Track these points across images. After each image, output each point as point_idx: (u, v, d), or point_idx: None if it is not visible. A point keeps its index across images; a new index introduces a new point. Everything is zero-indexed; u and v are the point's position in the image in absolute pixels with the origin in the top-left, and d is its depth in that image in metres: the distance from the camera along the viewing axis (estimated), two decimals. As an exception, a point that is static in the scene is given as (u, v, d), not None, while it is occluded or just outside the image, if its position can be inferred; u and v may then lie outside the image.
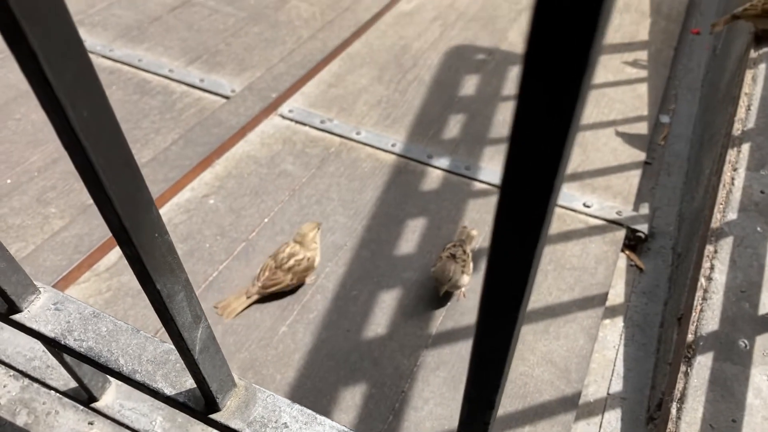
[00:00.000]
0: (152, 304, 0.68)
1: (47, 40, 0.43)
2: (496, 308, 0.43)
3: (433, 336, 1.67)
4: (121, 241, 0.58)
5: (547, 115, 0.30)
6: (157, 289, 0.65)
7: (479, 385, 0.51)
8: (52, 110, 0.47)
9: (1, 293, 0.93)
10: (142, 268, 0.62)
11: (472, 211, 2.04)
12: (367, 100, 2.51)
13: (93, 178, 0.51)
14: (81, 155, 0.50)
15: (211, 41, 2.74)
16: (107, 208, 0.54)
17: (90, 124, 0.49)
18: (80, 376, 1.12)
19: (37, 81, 0.45)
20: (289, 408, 0.87)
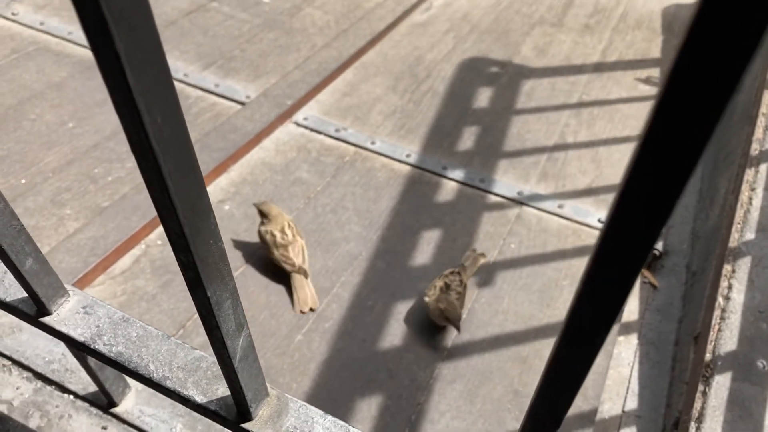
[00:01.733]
0: (199, 310, 0.67)
1: (132, 43, 0.43)
2: (583, 333, 0.42)
3: (449, 348, 1.66)
4: (178, 247, 0.58)
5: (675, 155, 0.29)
6: (207, 296, 0.64)
7: (550, 404, 0.50)
8: (127, 114, 0.47)
9: (32, 295, 0.92)
10: (195, 275, 0.61)
11: (487, 224, 2.03)
12: (382, 109, 2.51)
13: (160, 183, 0.51)
14: (151, 160, 0.49)
15: (226, 47, 2.74)
16: (170, 214, 0.54)
17: (163, 130, 0.48)
18: (102, 381, 1.11)
19: (116, 84, 0.45)
20: (321, 419, 0.86)
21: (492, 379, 1.60)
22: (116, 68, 0.44)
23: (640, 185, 0.31)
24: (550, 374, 0.47)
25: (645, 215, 0.32)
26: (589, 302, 0.39)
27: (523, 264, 1.91)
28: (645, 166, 0.31)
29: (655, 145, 0.30)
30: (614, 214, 0.32)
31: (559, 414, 0.50)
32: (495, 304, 1.78)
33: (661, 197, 0.31)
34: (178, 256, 0.59)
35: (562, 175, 2.27)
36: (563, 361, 0.45)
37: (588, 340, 0.42)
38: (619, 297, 0.37)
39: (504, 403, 1.55)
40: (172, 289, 1.72)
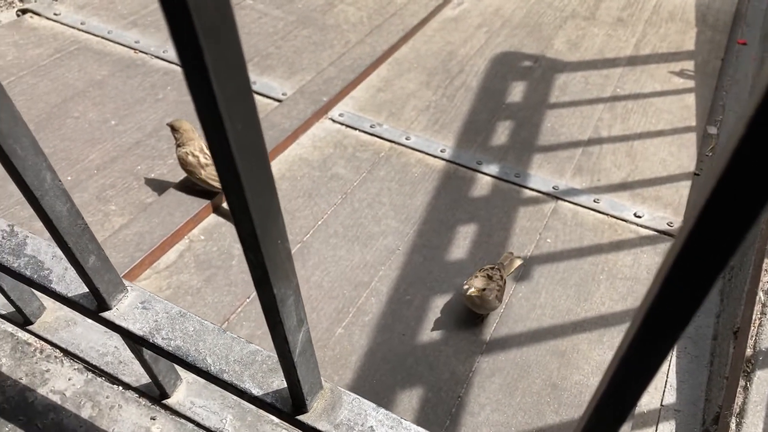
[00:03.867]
0: (264, 306, 0.70)
1: (220, 55, 0.46)
2: (656, 334, 0.43)
3: (487, 342, 1.68)
4: (249, 246, 0.61)
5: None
6: (273, 293, 0.67)
7: (617, 402, 0.51)
8: (210, 122, 0.50)
9: (94, 291, 0.96)
10: (263, 274, 0.64)
11: (523, 219, 2.04)
12: (416, 105, 2.52)
13: (236, 186, 0.54)
14: (230, 165, 0.52)
15: (262, 44, 2.77)
16: (244, 215, 0.56)
17: (242, 136, 0.51)
18: (156, 373, 1.15)
19: (201, 94, 0.48)
20: (374, 412, 0.89)
21: (530, 372, 1.62)
22: (203, 80, 0.46)
23: (724, 197, 0.32)
24: (620, 372, 0.48)
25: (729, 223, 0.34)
26: (668, 302, 0.40)
27: (560, 258, 1.92)
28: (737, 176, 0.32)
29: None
30: (697, 220, 0.34)
31: (625, 411, 0.52)
32: (532, 298, 1.80)
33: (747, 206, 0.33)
34: (248, 255, 0.62)
35: (597, 170, 2.27)
36: (634, 359, 0.46)
37: (661, 340, 0.43)
38: (700, 295, 0.38)
39: (543, 396, 1.56)
40: (215, 283, 1.76)
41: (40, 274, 1.01)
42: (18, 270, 1.02)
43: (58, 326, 1.32)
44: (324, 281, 1.80)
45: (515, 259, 1.84)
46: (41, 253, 1.04)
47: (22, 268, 1.02)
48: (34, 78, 2.44)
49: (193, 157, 1.88)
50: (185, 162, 1.89)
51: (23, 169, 0.74)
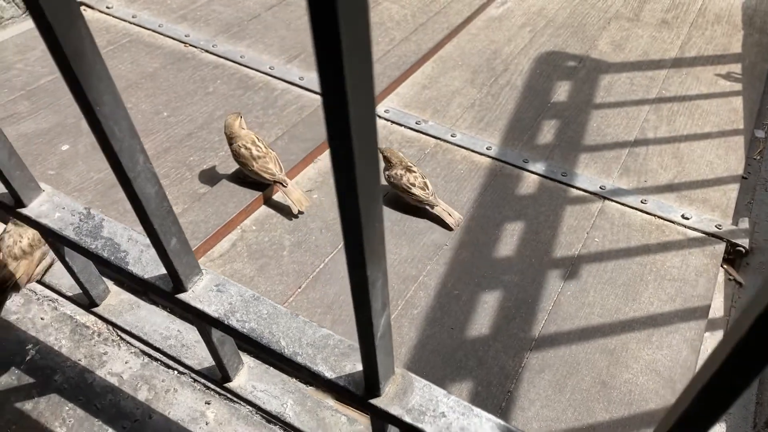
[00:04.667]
0: (354, 288, 0.72)
1: (355, 67, 0.48)
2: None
3: (536, 339, 1.68)
4: (351, 229, 0.63)
5: None
6: (366, 275, 0.69)
7: (704, 410, 0.52)
8: (336, 109, 0.52)
9: (172, 273, 0.99)
10: (358, 255, 0.66)
11: (570, 218, 2.05)
12: (461, 102, 2.54)
13: (349, 168, 0.56)
14: (347, 149, 0.54)
15: (308, 40, 2.80)
16: (350, 197, 0.58)
17: (360, 120, 0.53)
18: (221, 356, 1.18)
19: (335, 89, 0.50)
20: (445, 398, 0.91)
21: (579, 370, 1.62)
22: (339, 84, 0.48)
23: None
24: (713, 382, 0.48)
25: None
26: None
27: (608, 258, 1.92)
28: None
29: None
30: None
31: (712, 421, 0.52)
32: (581, 296, 1.80)
33: None
34: (348, 236, 0.64)
35: (644, 171, 2.26)
36: (731, 371, 0.47)
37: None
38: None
39: (592, 393, 1.57)
40: (267, 272, 1.79)
41: (116, 256, 1.05)
42: (95, 251, 1.05)
43: (122, 309, 1.36)
44: (373, 274, 1.82)
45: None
46: (117, 236, 1.07)
47: (99, 249, 1.05)
48: (88, 69, 2.49)
49: (246, 149, 1.92)
50: (238, 154, 1.93)
51: (120, 151, 0.77)
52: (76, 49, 0.67)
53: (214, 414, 1.53)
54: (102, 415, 1.52)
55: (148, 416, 1.52)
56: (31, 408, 1.54)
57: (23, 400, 1.55)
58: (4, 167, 1.03)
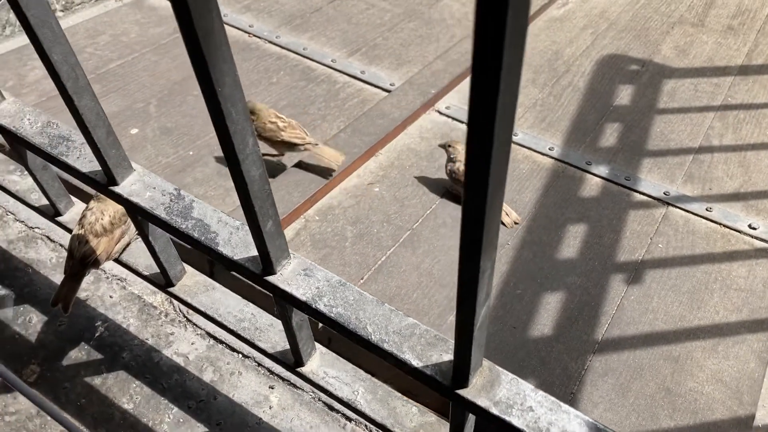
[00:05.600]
0: (463, 278, 0.73)
1: (507, 102, 0.48)
2: None
3: (599, 342, 1.67)
4: (474, 220, 0.63)
5: None
6: (479, 265, 0.69)
7: None
8: (483, 97, 0.52)
9: (264, 256, 1.00)
10: (477, 246, 0.67)
11: (634, 223, 2.02)
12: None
13: (485, 157, 0.56)
14: (488, 136, 0.54)
15: (369, 35, 2.82)
16: (480, 189, 0.59)
17: (506, 104, 0.53)
18: (297, 341, 1.19)
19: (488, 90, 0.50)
20: (533, 393, 0.90)
21: (643, 375, 1.60)
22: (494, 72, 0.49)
23: None
24: None
25: None
26: None
27: (671, 264, 1.90)
28: None
29: None
30: None
31: None
32: (644, 302, 1.78)
33: None
34: (469, 226, 0.65)
35: (709, 178, 2.23)
36: None
37: None
38: None
39: (657, 399, 1.55)
40: (330, 262, 1.81)
41: (207, 237, 1.07)
42: (186, 231, 1.07)
43: (197, 290, 1.38)
44: (434, 269, 1.83)
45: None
46: (207, 217, 1.10)
47: (189, 229, 1.08)
48: (156, 55, 2.54)
49: (271, 123, 1.98)
50: (264, 129, 1.99)
51: (234, 132, 0.79)
52: (207, 28, 0.69)
53: (277, 398, 1.55)
54: (168, 393, 1.55)
55: (213, 397, 1.55)
56: (99, 383, 1.57)
57: (92, 375, 1.59)
58: (101, 145, 1.06)
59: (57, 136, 1.20)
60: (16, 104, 1.27)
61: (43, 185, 1.43)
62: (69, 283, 1.39)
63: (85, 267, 1.37)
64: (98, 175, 1.14)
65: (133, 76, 2.43)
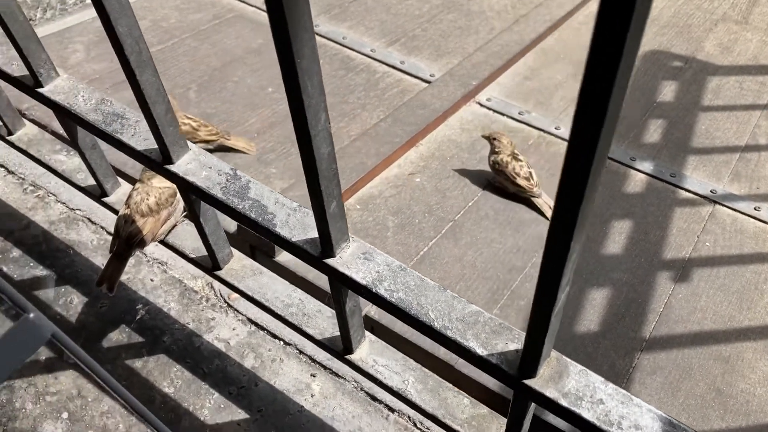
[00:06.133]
0: (550, 260, 0.70)
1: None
2: None
3: (647, 340, 1.63)
4: (565, 208, 0.61)
5: None
6: (569, 247, 0.67)
7: None
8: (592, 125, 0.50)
9: (324, 238, 0.98)
10: (569, 227, 0.64)
11: (680, 220, 1.98)
12: (564, 95, 2.48)
13: (587, 164, 0.54)
14: (588, 158, 0.52)
15: (409, 25, 2.79)
16: (577, 191, 0.57)
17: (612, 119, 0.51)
18: (349, 327, 1.17)
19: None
20: (603, 385, 0.88)
21: (693, 375, 1.56)
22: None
23: None
24: None
25: None
26: None
27: (719, 264, 1.85)
28: None
29: None
30: None
31: None
32: (692, 300, 1.74)
33: None
34: (562, 214, 0.62)
35: (757, 177, 2.17)
36: None
37: None
38: None
39: (707, 400, 1.51)
40: (372, 252, 1.78)
41: (264, 218, 1.05)
42: (243, 212, 1.06)
43: (244, 274, 1.36)
44: (477, 261, 1.80)
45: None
46: (264, 198, 1.08)
47: (246, 210, 1.06)
48: (195, 41, 2.53)
49: (184, 125, 1.97)
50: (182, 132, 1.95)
51: (308, 107, 0.76)
52: (293, -6, 0.66)
53: (319, 387, 1.53)
54: (209, 378, 1.54)
55: (254, 384, 1.53)
56: (140, 366, 1.56)
57: (133, 358, 1.58)
58: (160, 122, 1.04)
59: (111, 114, 1.19)
60: (70, 81, 1.26)
61: (92, 164, 1.42)
62: (114, 263, 1.38)
63: (131, 247, 1.36)
64: (153, 153, 1.12)
65: (173, 62, 2.42)
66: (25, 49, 1.18)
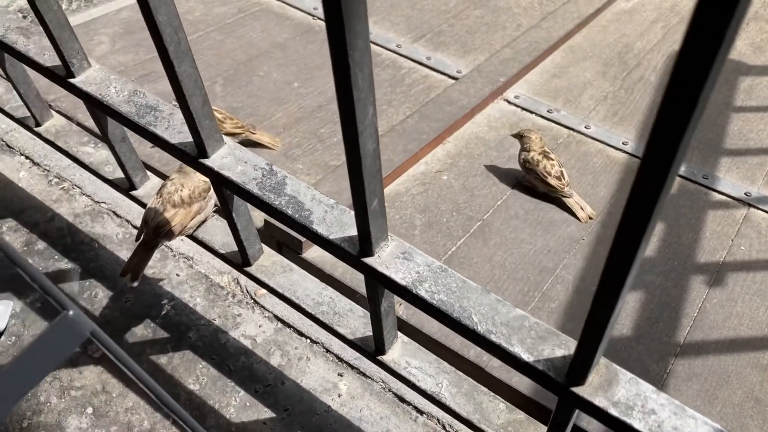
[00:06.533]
0: (612, 265, 0.67)
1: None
2: None
3: (681, 345, 1.59)
4: (633, 222, 0.59)
5: None
6: (636, 253, 0.64)
7: None
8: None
9: (363, 236, 0.95)
10: (640, 231, 0.61)
11: (713, 223, 1.94)
12: (593, 94, 2.44)
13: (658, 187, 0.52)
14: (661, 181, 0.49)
15: (434, 21, 2.75)
16: (648, 210, 0.55)
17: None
18: (383, 327, 1.14)
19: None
20: (654, 395, 0.84)
21: (730, 382, 1.52)
22: None
23: None
24: None
25: None
26: None
27: (755, 268, 1.81)
28: None
29: None
30: None
31: None
32: (728, 306, 1.69)
33: None
34: (630, 228, 0.60)
35: (792, 180, 2.13)
36: None
37: None
38: None
39: (746, 409, 1.47)
40: (400, 250, 1.76)
41: (300, 214, 1.02)
42: (279, 208, 1.03)
43: (275, 271, 1.34)
44: (507, 262, 1.76)
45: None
46: (301, 194, 1.05)
47: (283, 206, 1.03)
48: (221, 35, 2.51)
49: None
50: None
51: (357, 100, 0.74)
52: (350, -17, 0.63)
53: (346, 387, 1.50)
54: (234, 376, 1.52)
55: (280, 382, 1.51)
56: (165, 362, 1.54)
57: (158, 354, 1.56)
58: (196, 114, 1.02)
59: (144, 106, 1.17)
60: (102, 71, 1.23)
61: (121, 157, 1.40)
62: (141, 253, 1.36)
63: (158, 236, 1.34)
64: (188, 146, 1.10)
65: (198, 55, 2.39)
66: (59, 38, 1.16)
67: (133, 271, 1.36)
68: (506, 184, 2.00)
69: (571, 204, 1.92)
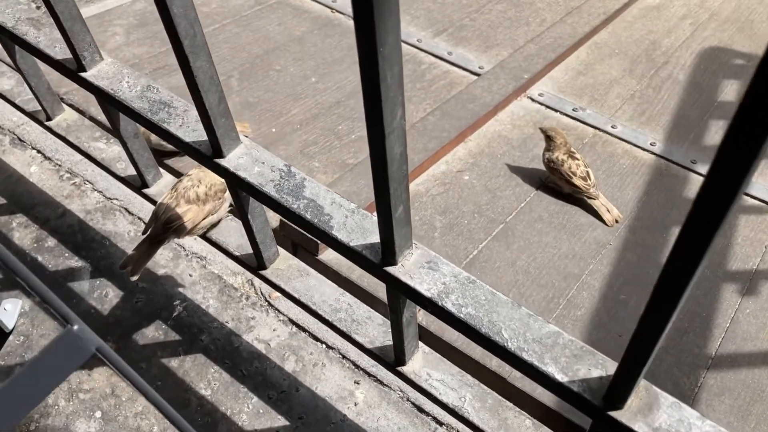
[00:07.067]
0: (668, 279, 0.65)
1: None
2: None
3: (713, 357, 1.53)
4: (694, 240, 0.54)
5: None
6: (695, 270, 0.58)
7: None
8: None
9: (386, 244, 0.90)
10: (701, 248, 0.55)
11: (746, 228, 1.86)
12: (619, 92, 2.36)
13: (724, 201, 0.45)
14: None
15: (456, 15, 2.69)
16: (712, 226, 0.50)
17: None
18: (404, 337, 1.08)
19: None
20: (699, 422, 0.78)
21: (764, 397, 1.45)
22: None
23: None
24: None
25: None
26: None
27: (790, 277, 1.73)
28: None
29: None
30: None
31: None
32: (761, 316, 1.62)
33: None
34: (690, 245, 0.54)
35: (827, 185, 2.04)
36: None
37: None
38: None
39: (782, 427, 1.40)
40: (420, 253, 1.70)
41: (320, 219, 0.96)
42: (297, 212, 0.97)
43: (290, 275, 1.28)
44: (531, 267, 1.70)
45: None
46: (320, 198, 0.99)
47: (301, 210, 0.98)
48: (237, 27, 2.46)
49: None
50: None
51: (385, 99, 0.68)
52: (381, -27, 0.57)
53: (363, 395, 1.45)
54: (248, 381, 1.47)
55: (295, 389, 1.46)
56: (176, 366, 1.50)
57: (169, 357, 1.51)
58: (212, 112, 0.96)
59: (158, 102, 1.11)
60: (114, 65, 1.18)
61: (133, 154, 1.35)
62: (145, 247, 1.30)
63: (167, 232, 1.28)
64: (203, 145, 1.05)
65: (213, 48, 2.35)
66: (70, 30, 1.10)
67: (134, 264, 1.30)
68: (530, 185, 1.94)
69: (597, 206, 1.85)
